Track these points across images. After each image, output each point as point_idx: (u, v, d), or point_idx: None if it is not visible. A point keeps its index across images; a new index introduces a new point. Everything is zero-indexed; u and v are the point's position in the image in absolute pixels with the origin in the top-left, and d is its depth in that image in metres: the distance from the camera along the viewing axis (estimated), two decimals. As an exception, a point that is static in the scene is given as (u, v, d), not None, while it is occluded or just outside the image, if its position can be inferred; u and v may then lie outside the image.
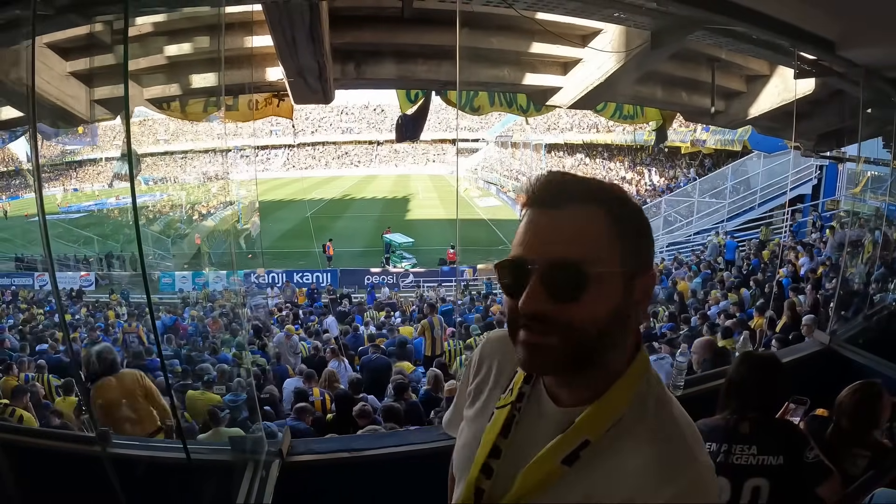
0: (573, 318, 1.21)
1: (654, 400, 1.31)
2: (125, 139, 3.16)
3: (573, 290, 1.21)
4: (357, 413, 6.97)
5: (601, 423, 1.27)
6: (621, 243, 1.23)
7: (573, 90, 7.23)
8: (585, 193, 1.26)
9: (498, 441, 1.41)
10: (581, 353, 1.24)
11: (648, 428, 1.25)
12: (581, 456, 1.26)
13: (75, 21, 4.46)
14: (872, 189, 13.33)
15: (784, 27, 4.56)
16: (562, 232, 1.23)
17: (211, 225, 42.51)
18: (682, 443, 1.25)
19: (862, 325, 6.33)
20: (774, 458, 2.96)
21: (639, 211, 1.31)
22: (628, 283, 1.25)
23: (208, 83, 6.61)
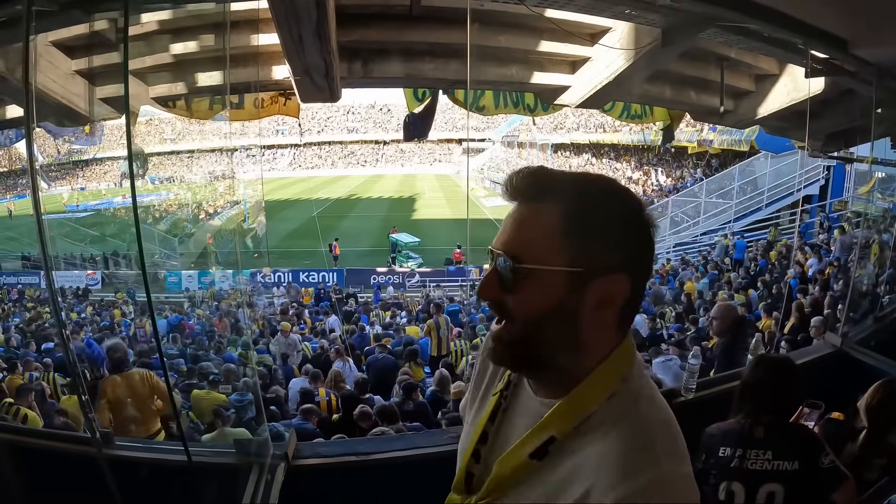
0: (513, 306, 1.28)
1: (628, 401, 1.29)
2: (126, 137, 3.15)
3: (510, 281, 1.27)
4: (357, 415, 6.93)
5: (568, 420, 1.28)
6: (571, 242, 1.25)
7: (582, 89, 7.18)
8: (547, 190, 1.29)
9: (486, 427, 1.48)
10: (519, 345, 1.30)
11: (616, 427, 1.24)
12: (549, 451, 1.28)
13: (78, 17, 4.42)
14: (881, 190, 13.27)
15: (796, 24, 4.52)
16: (514, 225, 1.30)
17: (217, 224, 42.57)
18: (647, 444, 1.21)
19: (873, 328, 6.26)
20: (790, 464, 2.94)
21: (618, 214, 1.29)
22: (575, 283, 1.25)
23: (214, 81, 6.59)
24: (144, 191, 61.77)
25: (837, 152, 9.75)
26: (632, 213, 1.30)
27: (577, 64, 7.13)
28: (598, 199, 1.29)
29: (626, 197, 1.32)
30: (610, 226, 1.27)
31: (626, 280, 1.26)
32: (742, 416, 3.12)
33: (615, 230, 1.27)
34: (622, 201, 1.31)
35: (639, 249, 1.30)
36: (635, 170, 43.70)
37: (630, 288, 1.27)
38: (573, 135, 54.56)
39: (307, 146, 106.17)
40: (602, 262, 1.25)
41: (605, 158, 51.29)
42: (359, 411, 6.98)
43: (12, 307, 23.50)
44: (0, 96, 6.32)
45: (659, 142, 31.88)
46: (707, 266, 19.83)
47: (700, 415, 3.53)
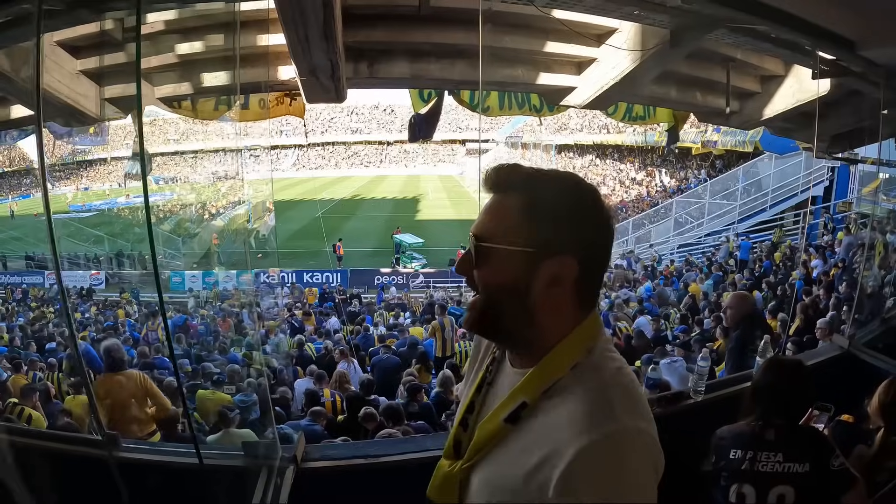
0: (481, 280, 1.49)
1: (591, 370, 1.45)
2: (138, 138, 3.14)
3: (479, 257, 1.49)
4: (363, 416, 6.92)
5: (536, 386, 1.45)
6: (527, 227, 1.44)
7: (588, 90, 7.16)
8: (511, 182, 1.50)
9: (473, 397, 1.66)
10: (484, 313, 1.51)
11: (578, 392, 1.40)
12: (521, 416, 1.45)
13: (85, 17, 4.42)
14: (885, 191, 13.25)
15: (805, 26, 4.50)
16: (484, 211, 1.53)
17: (221, 224, 42.61)
18: (604, 403, 1.35)
19: (881, 329, 6.24)
20: (800, 466, 2.94)
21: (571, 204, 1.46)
22: (528, 262, 1.44)
23: (220, 82, 6.58)
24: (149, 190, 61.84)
25: (842, 153, 9.74)
26: (583, 204, 1.47)
27: (583, 65, 7.12)
28: (553, 191, 1.48)
29: (581, 190, 1.50)
30: (561, 213, 1.44)
31: (574, 262, 1.43)
32: (753, 419, 3.11)
33: (565, 217, 1.44)
34: (576, 193, 1.48)
35: (588, 235, 1.46)
36: (639, 171, 43.67)
37: (578, 269, 1.44)
38: (577, 136, 54.49)
39: (311, 147, 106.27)
40: (552, 245, 1.43)
41: (609, 159, 51.25)
42: (364, 412, 6.97)
43: (16, 307, 23.54)
44: (5, 96, 6.33)
45: (663, 143, 31.86)
46: (711, 267, 19.78)
47: (709, 417, 3.52)
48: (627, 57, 6.26)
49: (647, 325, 13.23)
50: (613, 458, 1.28)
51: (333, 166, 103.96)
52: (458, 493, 1.59)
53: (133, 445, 3.69)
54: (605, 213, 1.49)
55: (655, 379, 4.32)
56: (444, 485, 1.63)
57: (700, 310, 15.25)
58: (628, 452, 1.30)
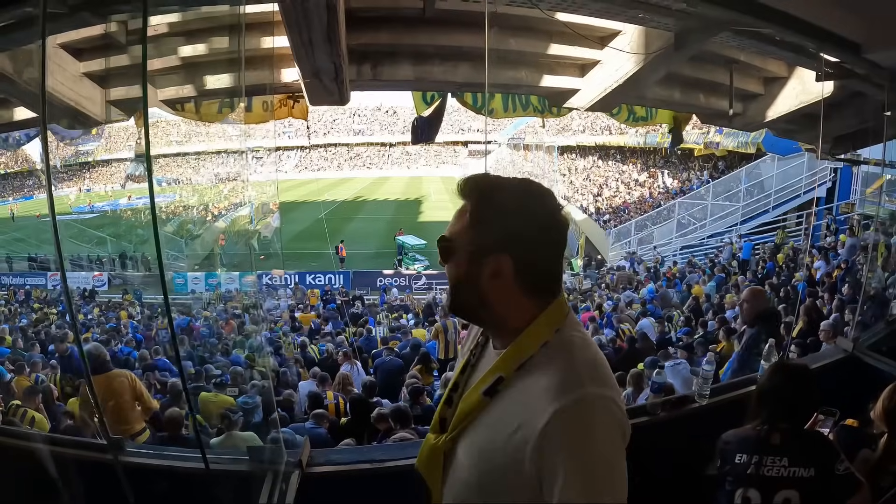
0: (447, 272, 1.77)
1: (559, 346, 1.65)
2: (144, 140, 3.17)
3: (441, 255, 1.78)
4: (375, 418, 6.89)
5: (511, 363, 1.66)
6: (475, 229, 1.69)
7: (591, 92, 7.15)
8: (467, 190, 1.76)
9: (458, 378, 1.89)
10: (452, 300, 1.79)
11: (548, 365, 1.60)
12: (499, 390, 1.65)
13: (89, 20, 4.42)
14: (888, 192, 13.22)
15: (810, 29, 4.50)
16: (453, 216, 1.79)
17: (224, 226, 42.64)
18: (572, 374, 1.55)
19: (885, 332, 6.22)
20: (805, 470, 2.94)
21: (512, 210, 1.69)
22: (474, 259, 1.69)
23: (223, 84, 6.57)
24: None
25: (845, 155, 9.72)
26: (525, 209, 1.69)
27: (586, 67, 7.11)
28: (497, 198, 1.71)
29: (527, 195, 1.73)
30: (499, 218, 1.68)
31: (509, 259, 1.66)
32: (759, 423, 3.11)
33: (502, 221, 1.67)
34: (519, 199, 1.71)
35: (526, 235, 1.67)
36: (642, 172, 43.58)
37: (514, 265, 1.66)
38: (579, 137, 54.43)
39: (313, 148, 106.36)
40: (489, 246, 1.67)
41: (611, 161, 51.16)
42: (377, 413, 6.93)
43: (19, 308, 23.54)
44: (8, 98, 6.33)
45: (666, 144, 31.83)
46: (714, 269, 19.76)
47: (714, 421, 3.51)
48: (631, 59, 6.25)
49: (650, 327, 13.23)
50: (582, 420, 1.47)
51: (336, 168, 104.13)
52: (443, 463, 1.77)
53: (138, 450, 3.68)
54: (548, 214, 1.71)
55: (660, 383, 4.32)
56: (430, 456, 1.82)
57: (703, 312, 15.24)
58: (595, 415, 1.49)
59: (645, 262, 25.27)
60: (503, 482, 1.58)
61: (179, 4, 5.56)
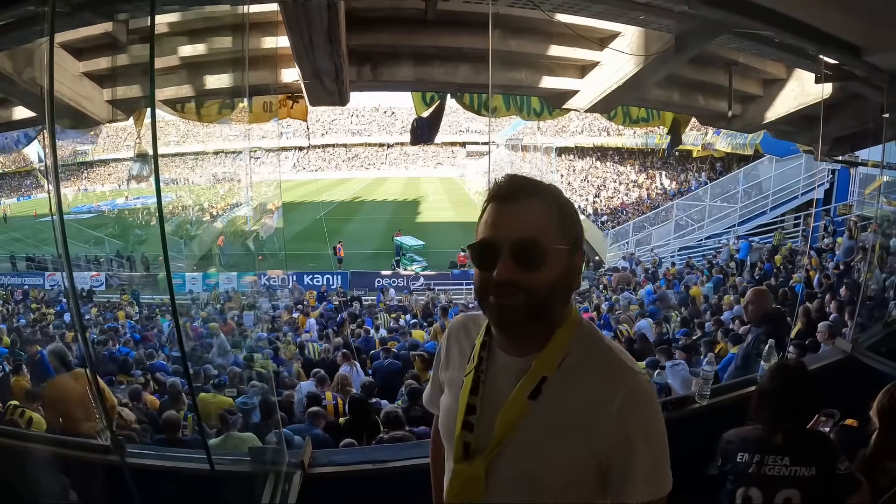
0: (535, 283, 1.60)
1: (589, 338, 1.71)
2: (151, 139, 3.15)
3: (537, 262, 1.59)
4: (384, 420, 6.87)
5: (553, 360, 1.66)
6: (561, 227, 1.64)
7: (590, 93, 7.16)
8: (534, 190, 1.65)
9: (471, 400, 1.75)
10: (537, 309, 1.62)
11: (591, 356, 1.67)
12: (542, 390, 1.63)
13: (91, 19, 4.41)
14: (885, 193, 13.23)
15: (810, 31, 4.51)
16: (522, 218, 1.62)
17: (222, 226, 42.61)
18: (618, 361, 1.66)
19: (884, 333, 6.23)
20: (807, 470, 2.96)
21: (570, 205, 1.72)
22: (569, 258, 1.66)
23: (223, 84, 6.58)
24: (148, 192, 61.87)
25: (843, 156, 9.74)
26: (574, 208, 1.73)
27: (586, 68, 7.12)
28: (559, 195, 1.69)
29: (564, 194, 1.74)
30: (574, 214, 1.70)
31: (583, 253, 1.74)
32: (760, 422, 3.12)
33: (576, 217, 1.70)
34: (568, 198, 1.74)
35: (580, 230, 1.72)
36: (640, 173, 43.62)
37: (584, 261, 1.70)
38: (577, 138, 54.39)
39: (311, 149, 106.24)
40: (577, 242, 1.68)
41: (609, 162, 51.17)
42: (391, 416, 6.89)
43: (16, 308, 23.49)
44: (8, 98, 6.33)
45: (664, 146, 31.84)
46: (712, 270, 19.76)
47: (714, 421, 3.52)
48: (630, 61, 6.27)
49: (648, 328, 13.21)
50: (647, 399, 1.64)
51: (334, 168, 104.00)
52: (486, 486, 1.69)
53: (142, 451, 3.68)
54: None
55: (660, 384, 4.32)
56: (468, 486, 1.71)
57: (701, 313, 15.24)
58: (651, 392, 1.69)
59: (643, 263, 25.26)
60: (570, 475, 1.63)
61: (183, 4, 5.55)
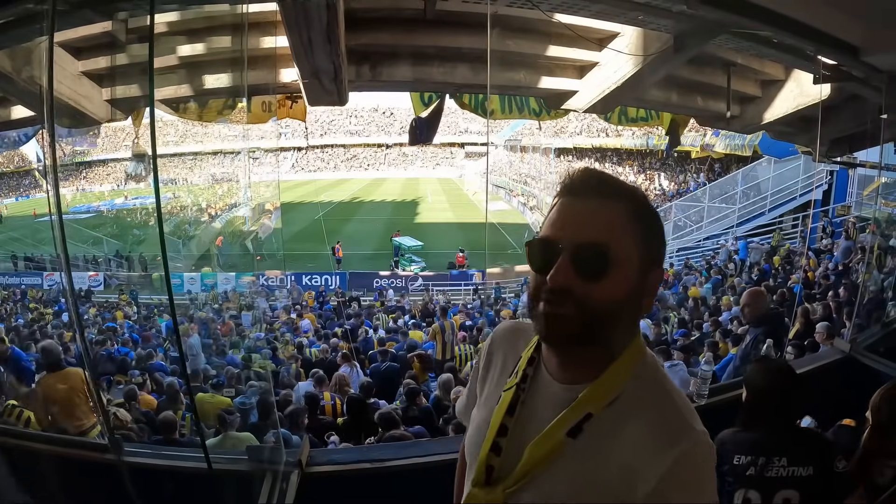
0: (594, 294, 1.36)
1: (650, 377, 1.45)
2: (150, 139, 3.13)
3: (599, 270, 1.36)
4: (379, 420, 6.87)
5: (602, 397, 1.40)
6: (640, 238, 1.40)
7: (589, 94, 7.17)
8: (613, 190, 1.42)
9: (505, 420, 1.53)
10: (593, 327, 1.38)
11: (646, 401, 1.39)
12: (584, 428, 1.39)
13: (91, 18, 4.42)
14: (884, 195, 13.23)
15: (808, 31, 4.52)
16: (591, 219, 1.39)
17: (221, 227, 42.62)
18: (677, 413, 1.38)
19: (882, 333, 6.26)
20: (804, 469, 2.96)
21: (656, 214, 1.47)
22: (643, 273, 1.41)
23: (223, 84, 6.57)
24: (147, 192, 61.86)
25: (842, 157, 9.76)
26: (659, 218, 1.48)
27: (584, 69, 7.12)
28: (647, 203, 1.45)
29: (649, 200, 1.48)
30: (655, 226, 1.45)
31: (663, 272, 1.48)
32: (756, 424, 3.12)
33: (659, 228, 1.46)
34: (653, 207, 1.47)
35: (665, 247, 1.49)
36: (638, 174, 43.67)
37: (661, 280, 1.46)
38: (576, 139, 54.44)
39: (310, 149, 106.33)
40: (656, 256, 1.44)
41: (607, 163, 51.19)
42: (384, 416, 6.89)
43: (14, 308, 23.46)
44: (7, 96, 6.32)
45: (662, 147, 31.89)
46: (710, 271, 19.78)
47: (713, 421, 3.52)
48: (629, 61, 6.27)
49: (647, 328, 13.21)
50: (701, 465, 1.34)
51: (332, 169, 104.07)
52: None
53: (138, 450, 3.68)
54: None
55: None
56: None
57: (700, 313, 15.26)
58: (709, 459, 1.36)
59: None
60: None
61: (182, 3, 5.55)
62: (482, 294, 26.28)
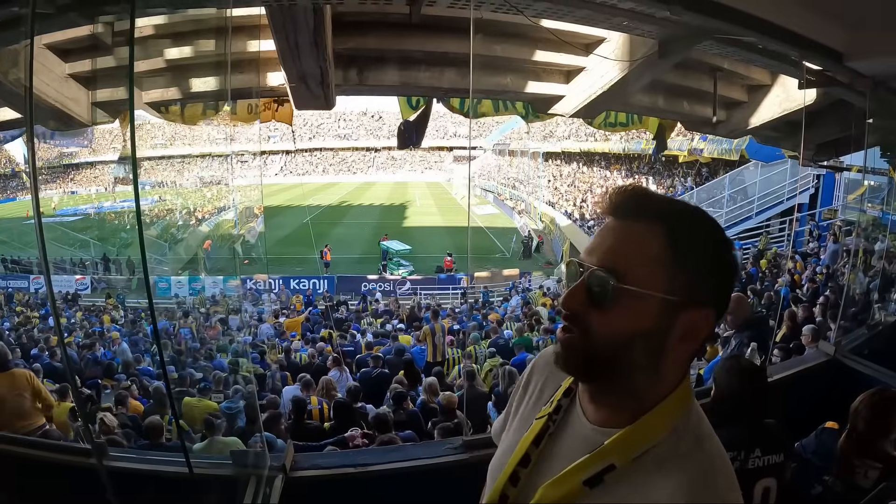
0: (596, 324, 1.24)
1: (692, 436, 1.28)
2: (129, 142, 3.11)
3: (602, 299, 1.23)
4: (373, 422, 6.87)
5: (630, 449, 1.25)
6: (672, 269, 1.22)
7: (576, 99, 7.19)
8: (653, 212, 1.26)
9: (530, 450, 1.43)
10: (596, 361, 1.26)
11: (680, 463, 1.22)
12: (605, 480, 1.25)
13: (76, 21, 4.41)
14: (870, 199, 13.30)
15: (793, 37, 4.54)
16: (614, 242, 1.27)
17: (208, 230, 42.50)
18: (712, 484, 1.21)
19: (866, 336, 6.30)
20: (777, 456, 3.08)
21: (713, 244, 1.27)
22: (668, 311, 1.22)
23: (208, 87, 6.57)
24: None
25: (828, 161, 9.81)
26: (724, 248, 1.28)
27: (571, 73, 7.15)
28: (699, 228, 1.27)
29: (719, 229, 1.30)
30: (706, 257, 1.25)
31: (713, 316, 1.25)
32: (728, 420, 3.15)
33: (710, 262, 1.25)
34: (717, 233, 1.29)
35: (726, 286, 1.29)
36: (626, 178, 43.77)
37: (713, 324, 1.26)
38: (564, 143, 54.56)
39: (298, 153, 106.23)
40: (696, 294, 1.23)
41: (595, 167, 51.32)
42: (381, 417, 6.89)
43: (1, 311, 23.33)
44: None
45: (649, 151, 32.00)
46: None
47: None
48: (615, 66, 6.29)
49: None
50: None
51: (321, 172, 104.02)
52: None
53: (121, 454, 3.66)
54: (737, 259, 1.34)
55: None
56: None
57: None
58: None
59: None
60: None
61: (167, 6, 5.54)
62: (470, 298, 26.30)
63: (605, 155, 47.47)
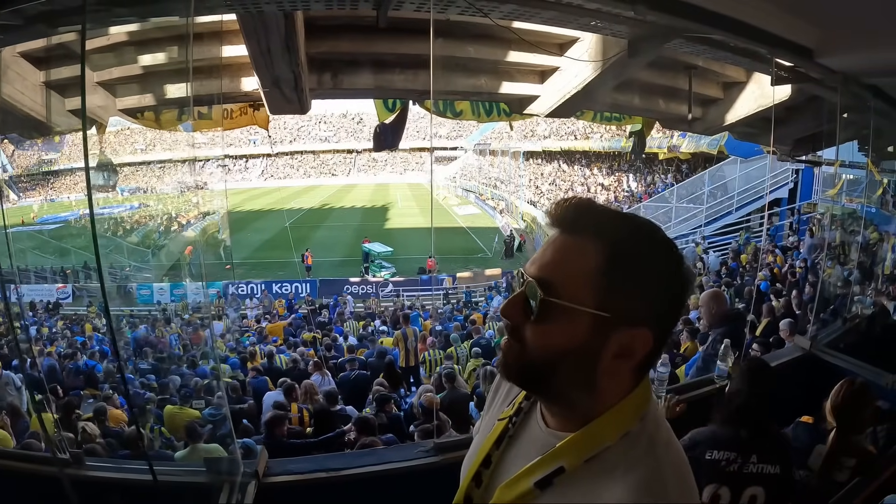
0: (531, 336, 1.26)
1: (645, 442, 1.27)
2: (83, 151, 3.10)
3: (535, 312, 1.24)
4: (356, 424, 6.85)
5: (579, 452, 1.27)
6: (605, 287, 1.21)
7: (551, 98, 7.20)
8: (593, 227, 1.25)
9: (491, 451, 1.47)
10: (528, 373, 1.30)
11: (629, 467, 1.22)
12: (554, 482, 1.27)
13: (43, 31, 4.38)
14: (848, 192, 13.40)
15: (762, 35, 4.56)
16: (553, 255, 1.27)
17: (191, 235, 42.27)
18: (660, 490, 1.21)
19: (842, 330, 6.35)
20: (772, 467, 3.05)
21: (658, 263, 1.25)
22: (599, 328, 1.22)
23: (182, 93, 6.55)
24: (114, 202, 61.19)
25: (805, 156, 9.88)
26: (671, 267, 1.26)
27: (545, 74, 7.16)
28: (642, 246, 1.25)
29: (669, 248, 1.28)
30: (647, 277, 1.23)
31: (650, 336, 1.23)
32: (728, 422, 3.16)
33: (651, 282, 1.23)
34: (665, 253, 1.27)
35: (670, 307, 1.27)
36: (607, 176, 43.93)
37: (652, 344, 1.24)
38: (544, 142, 54.65)
39: (279, 156, 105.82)
40: (631, 313, 1.21)
41: (576, 165, 51.42)
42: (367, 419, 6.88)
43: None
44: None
45: (629, 149, 32.10)
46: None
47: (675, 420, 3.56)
48: (589, 66, 6.31)
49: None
50: None
51: (302, 175, 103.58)
52: None
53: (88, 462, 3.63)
54: (688, 279, 1.29)
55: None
56: None
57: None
58: None
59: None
60: None
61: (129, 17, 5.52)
62: (452, 298, 26.33)
63: (585, 153, 47.57)
